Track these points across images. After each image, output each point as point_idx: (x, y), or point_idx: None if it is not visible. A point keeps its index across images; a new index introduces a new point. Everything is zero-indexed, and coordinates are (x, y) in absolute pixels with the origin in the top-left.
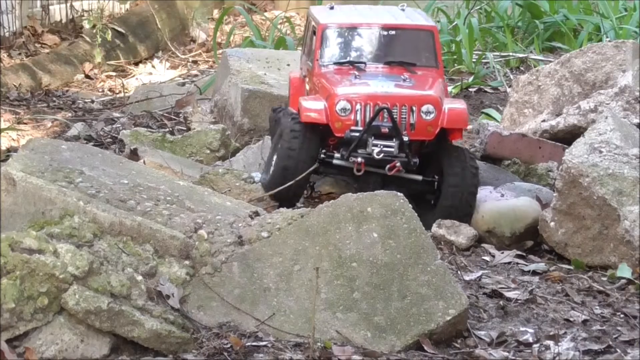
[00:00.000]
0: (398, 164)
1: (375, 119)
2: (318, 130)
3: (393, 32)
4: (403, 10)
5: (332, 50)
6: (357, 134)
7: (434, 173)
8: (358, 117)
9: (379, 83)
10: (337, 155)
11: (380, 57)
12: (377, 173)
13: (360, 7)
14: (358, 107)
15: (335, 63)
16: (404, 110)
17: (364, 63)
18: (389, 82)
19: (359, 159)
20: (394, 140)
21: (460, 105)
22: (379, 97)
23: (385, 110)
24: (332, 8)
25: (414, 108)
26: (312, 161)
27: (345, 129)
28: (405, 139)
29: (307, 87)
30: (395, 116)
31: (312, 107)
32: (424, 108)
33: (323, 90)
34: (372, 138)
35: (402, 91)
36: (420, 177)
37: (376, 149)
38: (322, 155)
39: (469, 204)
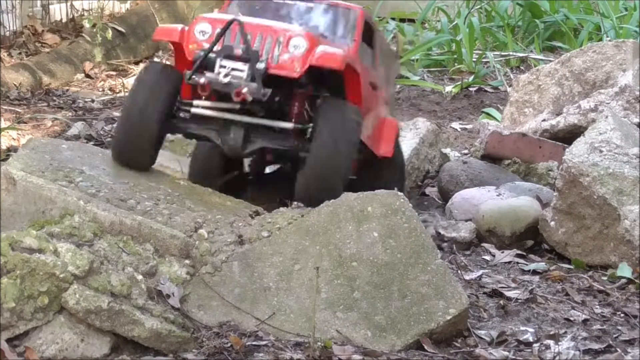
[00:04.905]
0: (245, 90)
1: (225, 32)
2: (174, 74)
3: (311, 5)
4: None
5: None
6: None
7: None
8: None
9: (260, 18)
10: (196, 103)
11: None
12: (240, 124)
13: None
14: (219, 31)
15: None
16: (269, 41)
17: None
18: (271, 19)
19: (202, 80)
20: (247, 65)
21: (338, 49)
22: (244, 23)
23: (236, 21)
24: None
25: (281, 39)
26: (160, 113)
27: None
28: (262, 66)
29: None
30: (256, 41)
31: (169, 27)
32: (293, 41)
33: None
34: (222, 59)
35: (275, 23)
36: (291, 125)
37: (223, 71)
38: (177, 104)
39: (341, 158)
